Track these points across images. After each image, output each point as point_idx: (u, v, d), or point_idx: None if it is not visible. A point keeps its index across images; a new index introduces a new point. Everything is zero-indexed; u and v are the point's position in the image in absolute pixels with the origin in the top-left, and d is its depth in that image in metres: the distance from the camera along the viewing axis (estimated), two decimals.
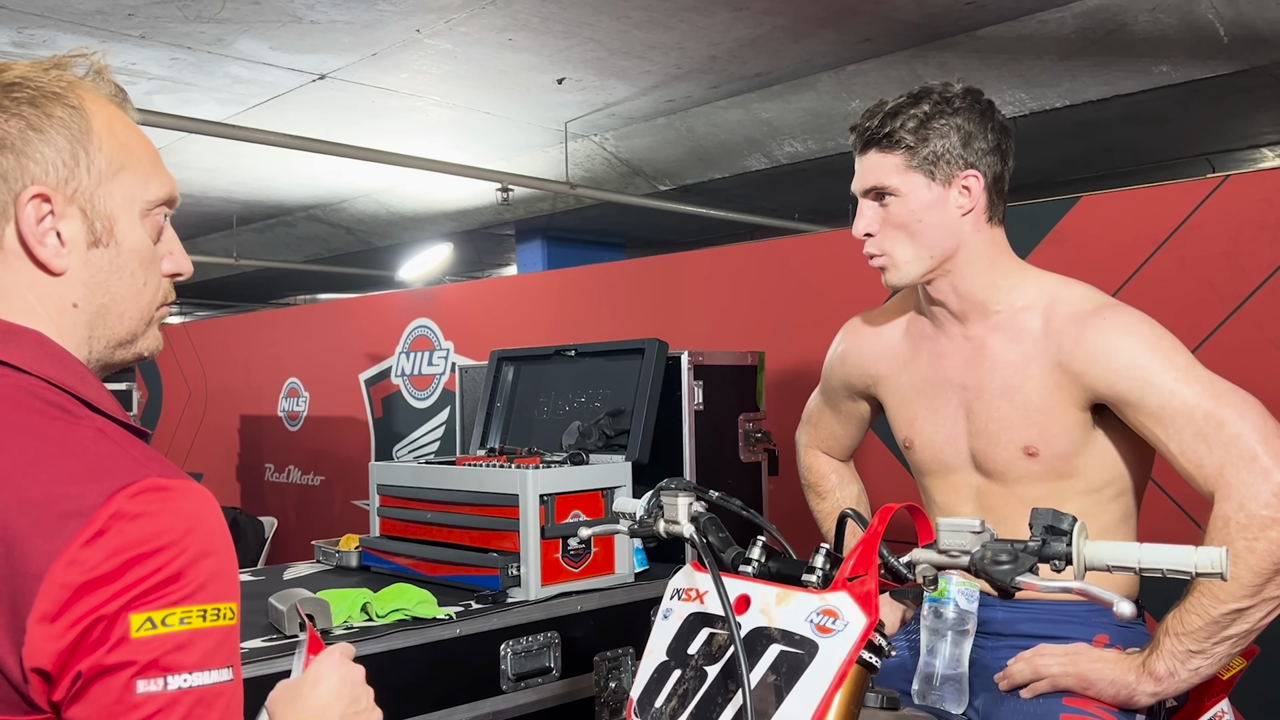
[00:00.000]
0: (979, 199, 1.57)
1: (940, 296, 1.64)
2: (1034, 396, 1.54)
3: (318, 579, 2.41)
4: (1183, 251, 2.90)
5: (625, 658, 2.21)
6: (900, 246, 1.59)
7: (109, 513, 0.82)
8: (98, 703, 0.81)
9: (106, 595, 0.81)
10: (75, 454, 0.87)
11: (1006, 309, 1.60)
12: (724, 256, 4.39)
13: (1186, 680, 1.40)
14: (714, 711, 1.12)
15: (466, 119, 5.50)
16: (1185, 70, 4.22)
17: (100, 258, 0.99)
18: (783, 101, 5.19)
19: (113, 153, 0.99)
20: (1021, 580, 1.05)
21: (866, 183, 1.60)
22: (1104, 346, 1.48)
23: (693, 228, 7.54)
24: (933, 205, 1.56)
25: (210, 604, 0.85)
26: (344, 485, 6.11)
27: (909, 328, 1.76)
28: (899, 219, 1.58)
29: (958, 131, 1.55)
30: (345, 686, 1.05)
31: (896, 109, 1.57)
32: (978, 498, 1.64)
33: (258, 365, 6.81)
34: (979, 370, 1.61)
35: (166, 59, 4.51)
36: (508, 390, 2.82)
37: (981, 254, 1.60)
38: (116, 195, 0.99)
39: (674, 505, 1.31)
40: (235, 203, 7.56)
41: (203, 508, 0.88)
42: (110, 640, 0.80)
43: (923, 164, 1.55)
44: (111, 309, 1.00)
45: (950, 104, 1.56)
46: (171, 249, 1.07)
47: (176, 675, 0.82)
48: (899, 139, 1.55)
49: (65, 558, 0.81)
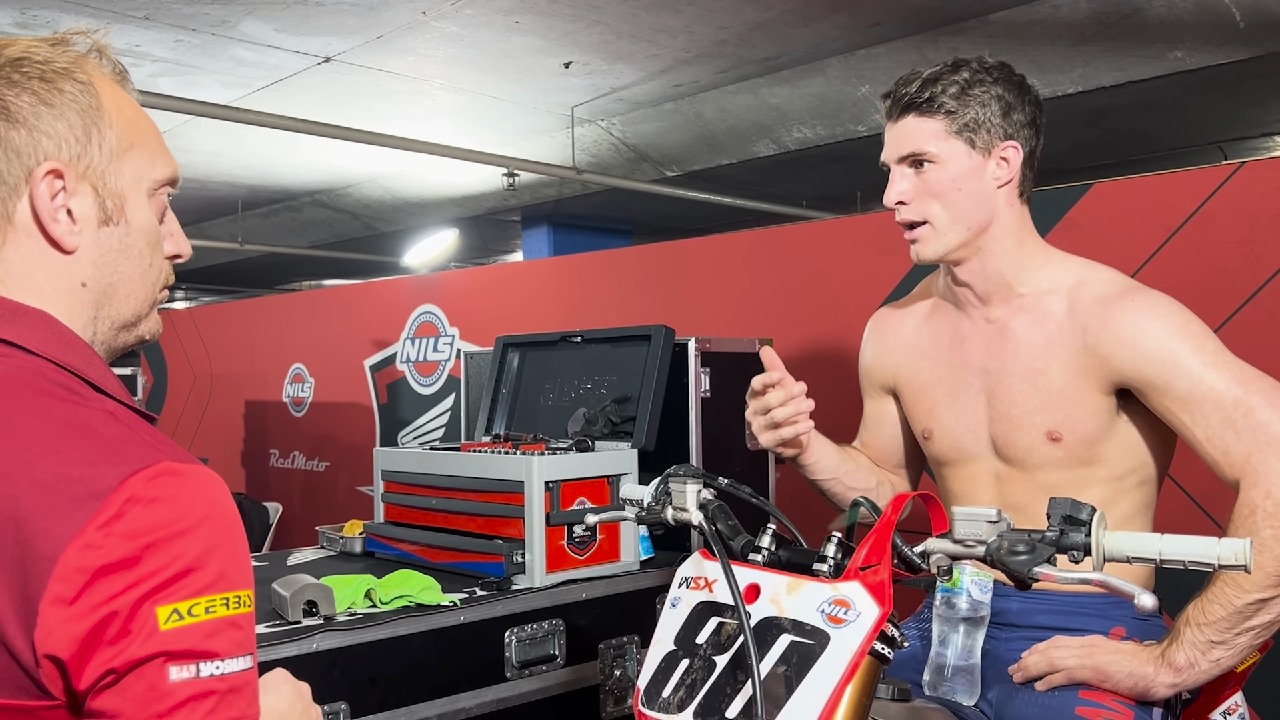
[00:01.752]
0: (1015, 172, 1.56)
1: (967, 278, 1.61)
2: (1058, 380, 1.52)
3: (322, 565, 2.40)
4: (1196, 239, 2.87)
5: (630, 646, 2.20)
6: (936, 215, 1.56)
7: (124, 496, 0.81)
8: (129, 691, 0.80)
9: (125, 583, 0.80)
10: (87, 436, 0.86)
11: (1031, 291, 1.58)
12: (731, 243, 4.36)
13: (1207, 672, 1.38)
14: (723, 702, 1.10)
15: (472, 103, 5.47)
16: (1200, 56, 4.17)
17: (110, 236, 0.98)
18: (792, 87, 5.14)
19: (122, 130, 0.98)
20: (1039, 571, 1.02)
21: (903, 148, 1.56)
22: (1131, 329, 1.46)
23: (700, 214, 7.50)
24: (971, 174, 1.54)
25: (231, 592, 0.85)
26: (348, 471, 6.10)
27: (930, 315, 1.73)
28: (936, 187, 1.54)
29: (998, 101, 1.53)
30: (298, 700, 1.03)
31: (935, 75, 1.54)
32: (997, 485, 1.61)
33: (263, 351, 6.79)
34: (1001, 353, 1.59)
35: (170, 41, 4.48)
36: (513, 377, 2.80)
37: (1012, 230, 1.58)
38: (126, 173, 0.98)
39: (682, 492, 1.29)
40: (240, 187, 7.54)
41: (216, 493, 0.87)
42: (137, 634, 0.80)
43: (963, 130, 1.53)
44: (119, 289, 1.00)
45: (989, 73, 1.54)
46: (172, 230, 1.06)
47: (208, 663, 0.82)
48: (940, 104, 1.52)
49: (81, 541, 0.80)
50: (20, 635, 0.80)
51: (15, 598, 0.80)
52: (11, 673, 0.82)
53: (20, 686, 0.82)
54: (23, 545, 0.81)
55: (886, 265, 3.28)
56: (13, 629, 0.81)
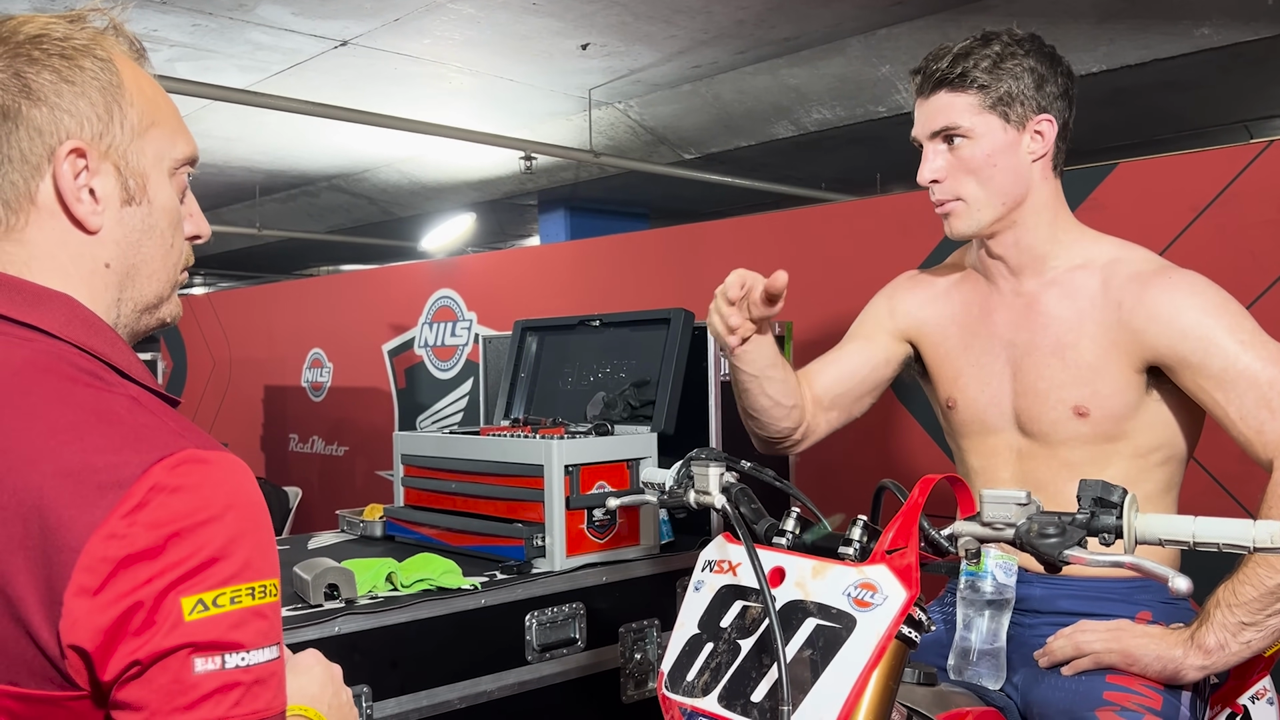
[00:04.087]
0: (1050, 145, 1.54)
1: (1000, 250, 1.60)
2: (1088, 354, 1.51)
3: (342, 548, 2.40)
4: (1223, 219, 2.83)
5: (651, 629, 2.19)
6: (970, 191, 1.54)
7: (148, 485, 0.80)
8: (154, 683, 0.79)
9: (150, 572, 0.79)
10: (111, 423, 0.84)
11: (1063, 266, 1.57)
12: (750, 226, 4.33)
13: (1237, 654, 1.36)
14: (748, 686, 1.09)
15: (489, 86, 5.45)
16: (1227, 33, 4.11)
17: (133, 216, 0.97)
18: (811, 67, 5.10)
19: (143, 108, 0.97)
20: (1070, 554, 1.01)
21: (936, 124, 1.53)
22: (1168, 305, 1.44)
23: (718, 197, 7.46)
24: (1006, 149, 1.52)
25: (257, 582, 0.83)
26: (367, 455, 6.12)
27: (959, 284, 1.71)
28: (971, 162, 1.53)
29: (1031, 74, 1.51)
30: (330, 682, 1.02)
31: (966, 50, 1.52)
32: (1018, 461, 1.59)
33: (281, 336, 6.82)
34: (1030, 327, 1.57)
35: (188, 25, 4.48)
36: (532, 360, 2.79)
37: (1047, 204, 1.57)
38: (148, 152, 0.97)
39: (705, 475, 1.28)
40: (258, 172, 7.55)
41: (241, 480, 0.86)
42: (162, 624, 0.79)
43: (997, 104, 1.51)
44: (142, 269, 0.99)
45: (1021, 45, 1.52)
46: (192, 211, 1.05)
47: (234, 654, 0.81)
48: (973, 78, 1.50)
49: (105, 530, 0.78)
50: (45, 626, 0.80)
51: (40, 588, 0.80)
52: (38, 663, 0.81)
53: (46, 677, 0.81)
54: (46, 534, 0.80)
55: (907, 247, 3.25)
56: (38, 620, 0.80)
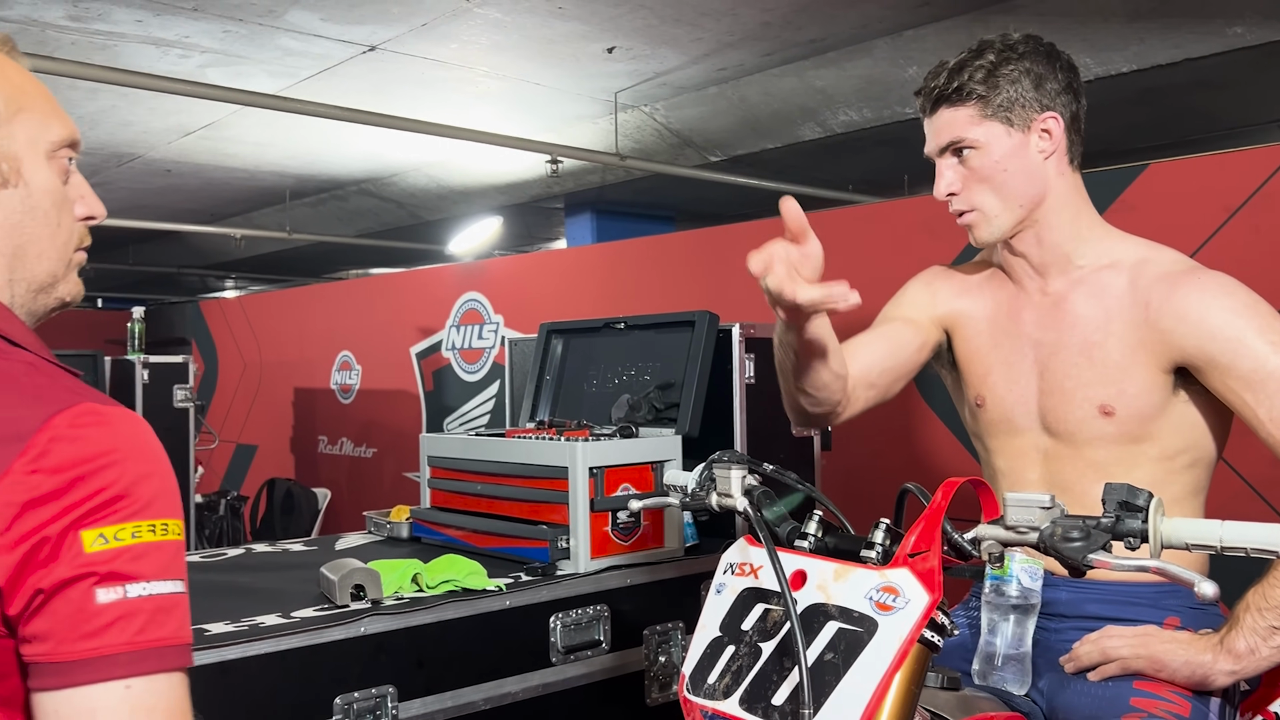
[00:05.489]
0: (1060, 141, 1.54)
1: (1023, 249, 1.60)
2: (1114, 354, 1.50)
3: (369, 549, 2.42)
4: (1256, 220, 2.80)
5: (675, 632, 2.19)
6: (987, 199, 1.55)
7: (48, 436, 0.85)
8: (58, 614, 0.83)
9: (53, 512, 0.83)
10: (6, 387, 0.90)
11: (1090, 264, 1.56)
12: (776, 228, 4.31)
13: (1268, 658, 1.35)
14: (769, 689, 1.09)
15: (516, 90, 5.47)
16: (1261, 31, 4.05)
17: (11, 199, 1.00)
18: (838, 69, 5.08)
19: (8, 95, 1.00)
20: (1094, 558, 1.00)
21: (942, 140, 1.56)
22: (1197, 306, 1.43)
23: (745, 200, 7.44)
24: (1015, 152, 1.53)
25: (158, 519, 0.88)
26: (395, 457, 6.16)
27: (989, 281, 1.71)
28: (982, 171, 1.54)
29: (1028, 75, 1.52)
30: None
31: (960, 63, 1.54)
32: (1044, 462, 1.58)
33: (311, 338, 6.87)
34: (1057, 326, 1.57)
35: (219, 31, 4.53)
36: (557, 363, 2.80)
37: (1066, 200, 1.56)
38: (19, 136, 1.00)
39: (727, 478, 1.27)
40: (288, 177, 7.61)
41: (140, 429, 0.91)
42: (64, 556, 0.83)
43: (998, 111, 1.52)
44: (29, 249, 1.02)
45: (1014, 49, 1.53)
46: (82, 193, 1.08)
47: (135, 584, 0.85)
48: (969, 90, 1.52)
49: (8, 480, 0.83)
50: None
51: None
52: None
53: None
54: None
55: (934, 249, 3.23)
56: None
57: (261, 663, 1.64)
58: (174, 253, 10.70)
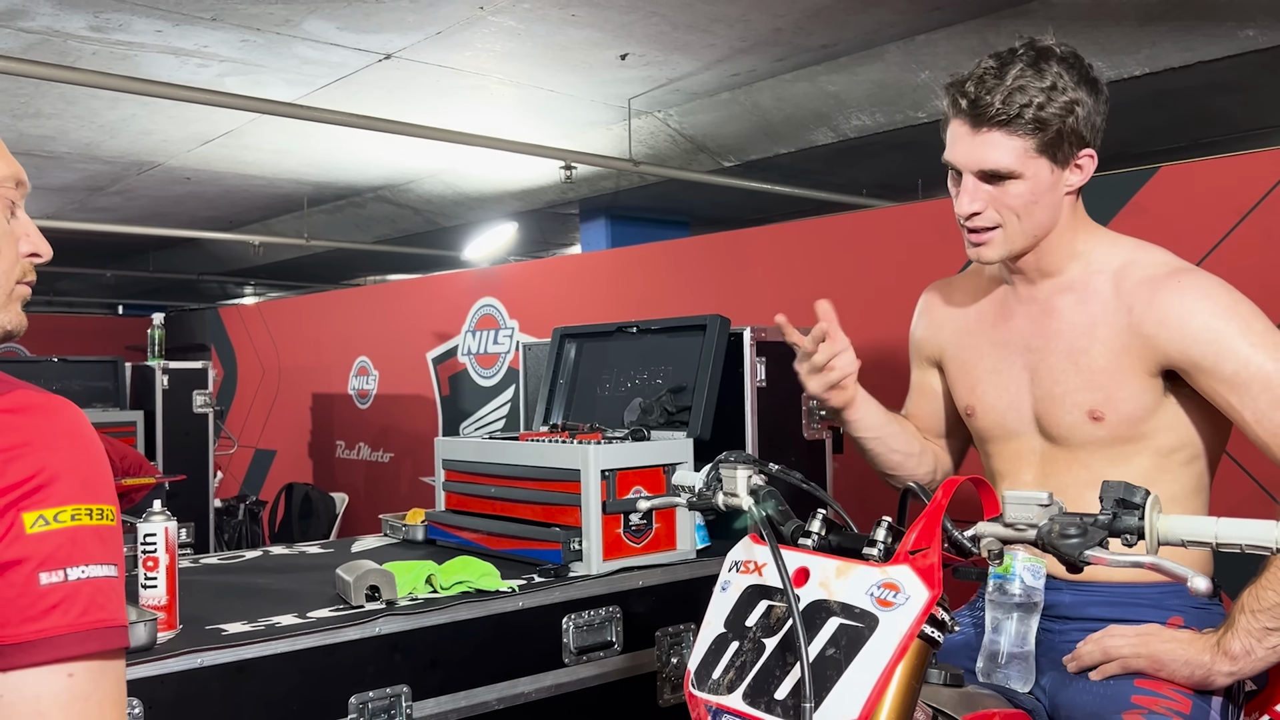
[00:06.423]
0: (1088, 177, 1.53)
1: (1022, 265, 1.61)
2: (1100, 359, 1.51)
3: (384, 552, 2.45)
4: (1268, 222, 2.80)
5: (687, 633, 2.21)
6: (1010, 222, 1.53)
7: None
8: (3, 595, 0.86)
9: None
10: None
11: (1080, 271, 1.57)
12: (789, 233, 4.34)
13: (1264, 659, 1.35)
14: (772, 684, 1.11)
15: (530, 97, 5.50)
16: (1273, 35, 4.04)
17: None
18: (850, 74, 5.09)
19: None
20: (1090, 555, 1.02)
21: (986, 164, 1.49)
22: (1178, 310, 1.44)
23: (758, 204, 7.46)
24: (1051, 187, 1.51)
25: (95, 504, 0.91)
26: (412, 462, 6.20)
27: (980, 291, 1.73)
28: (1015, 200, 1.50)
29: (1079, 107, 1.47)
30: None
31: (1021, 84, 1.45)
32: (1041, 464, 1.60)
33: (329, 344, 6.93)
34: (1045, 332, 1.58)
35: (236, 41, 4.58)
36: (570, 367, 2.83)
37: (1070, 223, 1.57)
38: None
39: (733, 478, 1.30)
40: (306, 184, 7.67)
41: (74, 416, 0.94)
42: (6, 538, 0.86)
43: (1048, 148, 1.47)
44: None
45: (1070, 74, 1.46)
46: (28, 231, 1.11)
47: (75, 568, 0.88)
48: (1028, 119, 1.45)
49: None
50: None
51: None
52: None
53: None
54: None
55: (947, 253, 3.25)
56: None
57: (278, 662, 1.67)
58: (194, 260, 10.79)
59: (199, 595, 1.96)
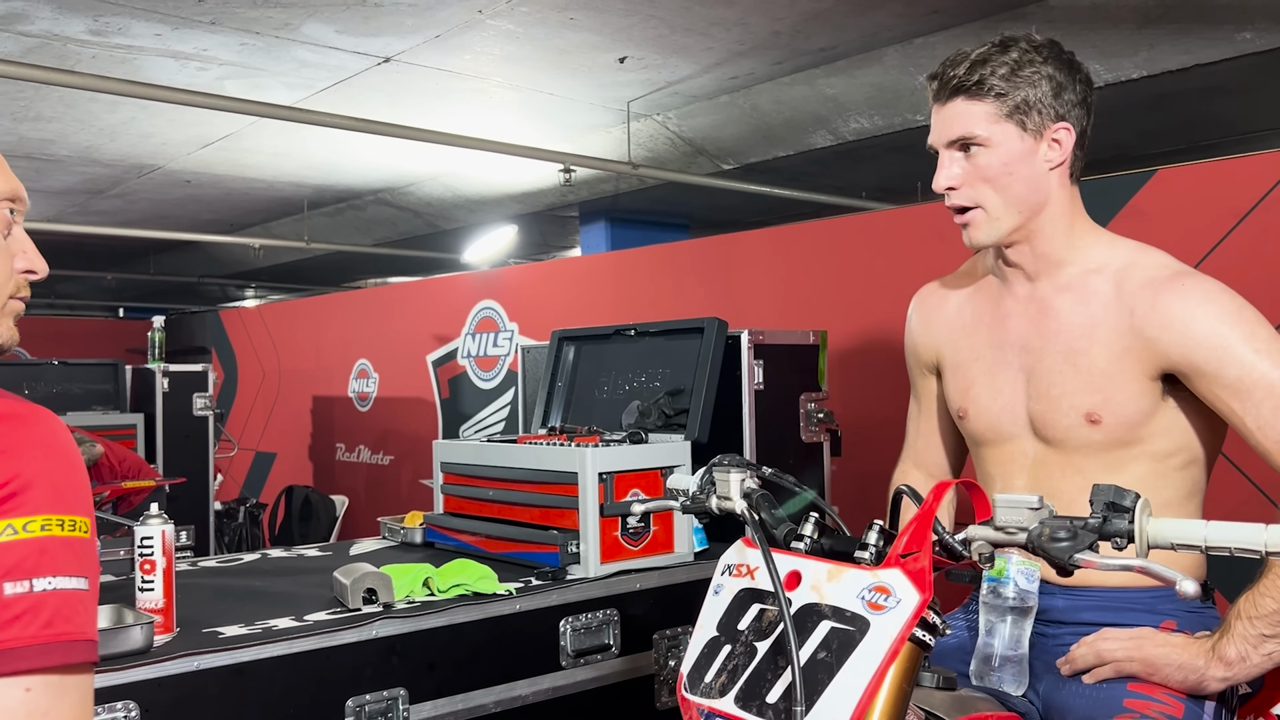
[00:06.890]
0: (1068, 154, 1.53)
1: (1018, 259, 1.59)
2: (1099, 361, 1.49)
3: (382, 554, 2.45)
4: (1265, 225, 2.80)
5: (685, 636, 2.22)
6: (990, 198, 1.53)
7: None
8: None
9: None
10: None
11: (1078, 270, 1.55)
12: (787, 235, 4.34)
13: (1259, 665, 1.35)
14: (764, 687, 1.12)
15: (529, 100, 5.51)
16: (1271, 37, 4.04)
17: None
18: (848, 76, 5.10)
19: None
20: (1081, 558, 1.02)
21: (952, 132, 1.52)
22: (1181, 314, 1.43)
23: (757, 207, 7.46)
24: (1023, 158, 1.51)
25: (68, 515, 0.89)
26: (412, 464, 6.20)
27: (974, 291, 1.71)
28: (987, 171, 1.51)
29: (1049, 81, 1.50)
30: None
31: (983, 57, 1.50)
32: (1034, 467, 1.58)
33: (329, 347, 6.94)
34: (1043, 332, 1.57)
35: (236, 44, 4.59)
36: (568, 370, 2.83)
37: (1064, 212, 1.55)
38: None
39: (726, 481, 1.30)
40: (306, 187, 7.68)
41: (52, 427, 0.92)
42: None
43: (1014, 113, 1.49)
44: None
45: (1039, 52, 1.50)
46: (24, 247, 1.11)
47: (41, 579, 0.86)
48: (989, 86, 1.49)
49: None
50: None
51: None
52: None
53: None
54: None
55: (946, 255, 3.24)
56: None
57: (275, 665, 1.68)
58: (194, 262, 10.80)
59: (197, 598, 1.97)
